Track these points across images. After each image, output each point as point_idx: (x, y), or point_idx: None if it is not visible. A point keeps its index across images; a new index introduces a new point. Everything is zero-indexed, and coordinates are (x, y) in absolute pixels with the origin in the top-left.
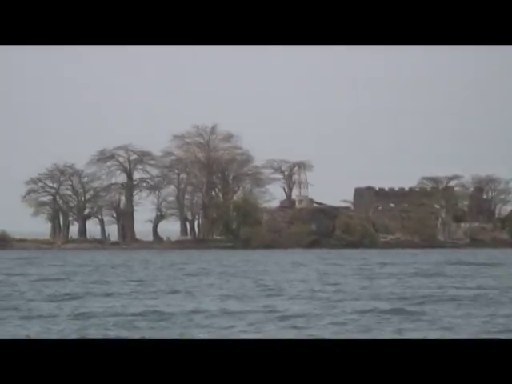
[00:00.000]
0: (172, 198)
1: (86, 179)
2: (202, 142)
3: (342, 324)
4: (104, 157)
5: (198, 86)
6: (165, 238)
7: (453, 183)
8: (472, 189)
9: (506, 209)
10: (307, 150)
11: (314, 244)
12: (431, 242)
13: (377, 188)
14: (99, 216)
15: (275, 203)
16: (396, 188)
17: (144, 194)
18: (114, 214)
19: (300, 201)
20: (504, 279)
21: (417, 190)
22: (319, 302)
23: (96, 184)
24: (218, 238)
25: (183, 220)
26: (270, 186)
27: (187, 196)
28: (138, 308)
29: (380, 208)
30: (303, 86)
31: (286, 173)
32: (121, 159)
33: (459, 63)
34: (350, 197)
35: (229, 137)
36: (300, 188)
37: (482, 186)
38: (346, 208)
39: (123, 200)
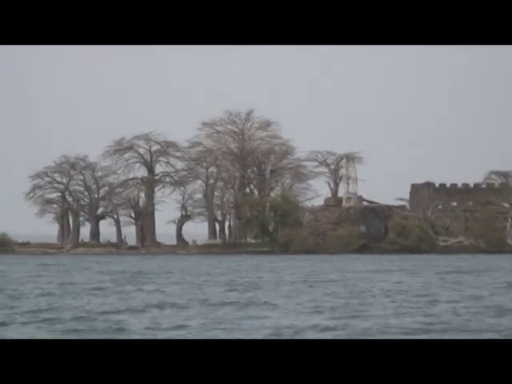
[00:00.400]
0: (199, 196)
1: (100, 173)
2: (235, 130)
3: None
4: (121, 147)
5: (232, 71)
6: (190, 242)
7: None
8: None
9: None
10: (356, 140)
11: (363, 249)
12: (499, 247)
13: (437, 184)
14: (115, 216)
15: (319, 201)
16: (459, 184)
17: (167, 190)
18: (132, 214)
19: (348, 199)
20: None
21: (483, 186)
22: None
23: (112, 179)
24: (252, 241)
25: (212, 221)
26: (313, 182)
27: (217, 193)
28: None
29: (440, 207)
30: (355, 71)
31: (332, 166)
32: (141, 150)
33: None
34: (406, 194)
35: (266, 124)
36: (348, 184)
37: None
38: (401, 207)
39: (143, 197)
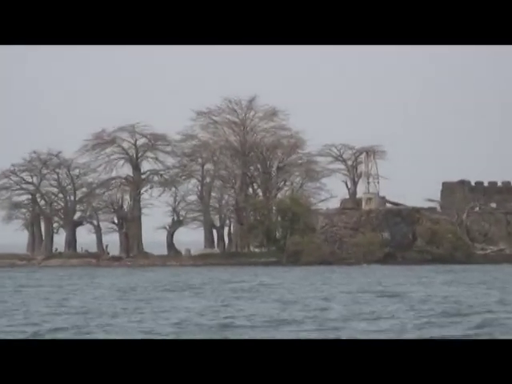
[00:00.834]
0: (194, 197)
1: (76, 172)
2: (235, 120)
3: None
4: (102, 141)
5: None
6: (183, 252)
7: None
8: None
9: None
10: (378, 132)
11: (387, 259)
12: None
13: (473, 182)
14: (94, 222)
15: (334, 203)
16: (499, 182)
17: (156, 191)
18: (115, 220)
19: (368, 200)
20: None
21: None
22: None
23: (91, 178)
24: (256, 250)
25: (209, 227)
26: (327, 180)
27: (214, 194)
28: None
29: (477, 209)
30: (383, 59)
31: (350, 162)
32: (125, 144)
33: None
34: (437, 194)
35: (272, 113)
36: (368, 183)
37: None
38: (431, 209)
39: (127, 200)
